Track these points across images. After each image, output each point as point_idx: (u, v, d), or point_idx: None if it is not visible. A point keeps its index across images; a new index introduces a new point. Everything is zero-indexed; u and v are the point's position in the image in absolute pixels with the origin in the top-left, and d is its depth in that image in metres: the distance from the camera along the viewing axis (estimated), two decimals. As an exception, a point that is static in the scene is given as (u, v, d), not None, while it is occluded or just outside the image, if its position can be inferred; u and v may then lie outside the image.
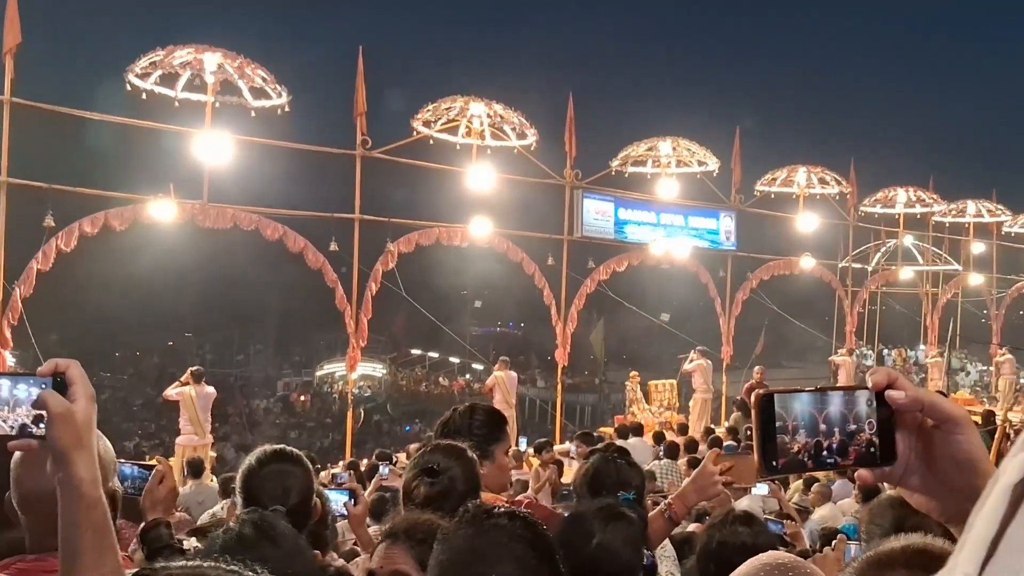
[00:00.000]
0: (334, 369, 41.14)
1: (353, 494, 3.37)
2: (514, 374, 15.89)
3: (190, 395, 12.41)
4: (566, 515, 2.68)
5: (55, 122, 12.74)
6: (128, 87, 12.68)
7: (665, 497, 3.51)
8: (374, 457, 11.14)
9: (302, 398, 42.98)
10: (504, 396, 14.90)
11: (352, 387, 17.35)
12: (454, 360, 45.15)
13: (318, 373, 44.71)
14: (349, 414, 16.04)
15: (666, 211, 18.55)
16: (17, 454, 1.75)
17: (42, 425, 1.39)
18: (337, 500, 3.43)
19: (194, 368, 12.98)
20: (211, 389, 12.82)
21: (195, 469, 9.80)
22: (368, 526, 3.77)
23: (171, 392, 12.68)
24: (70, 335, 39.61)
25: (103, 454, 1.84)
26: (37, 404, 1.38)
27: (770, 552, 1.73)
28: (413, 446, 13.23)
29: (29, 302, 11.88)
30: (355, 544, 4.09)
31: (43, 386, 1.39)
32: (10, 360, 12.08)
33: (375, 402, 40.67)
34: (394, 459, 12.38)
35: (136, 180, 13.70)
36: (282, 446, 2.74)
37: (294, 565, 1.85)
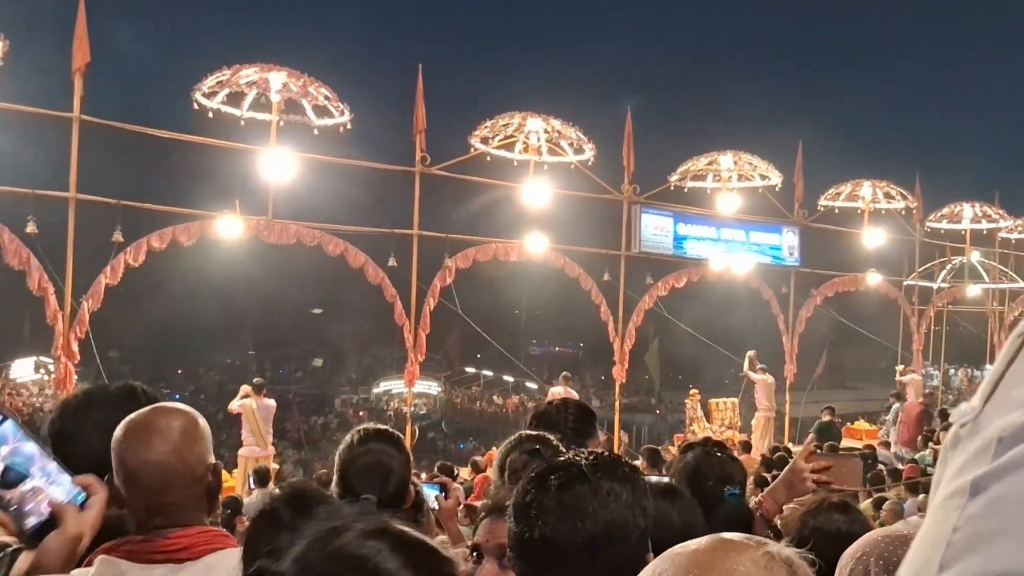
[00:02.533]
0: (390, 386, 41.37)
1: (444, 488, 3.33)
2: (574, 392, 15.75)
3: (251, 407, 12.57)
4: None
5: (124, 139, 13.04)
6: (195, 106, 12.94)
7: None
8: (436, 469, 11.14)
9: (360, 414, 43.28)
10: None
11: (410, 403, 17.36)
12: (508, 379, 45.10)
13: (375, 390, 45.02)
14: (407, 429, 16.00)
15: (727, 226, 18.28)
16: (119, 431, 1.77)
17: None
18: (428, 495, 3.38)
19: (255, 380, 13.16)
20: (271, 402, 13.00)
21: (261, 478, 9.89)
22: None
23: (234, 405, 12.84)
24: (134, 351, 40.50)
25: (204, 431, 1.84)
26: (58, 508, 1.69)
27: (892, 526, 1.67)
28: (478, 457, 13.21)
29: (96, 316, 12.11)
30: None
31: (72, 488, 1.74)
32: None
33: (430, 419, 40.77)
34: (456, 472, 12.38)
35: (202, 196, 13.98)
36: (384, 427, 2.65)
37: None
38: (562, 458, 1.61)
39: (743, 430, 17.41)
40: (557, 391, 15.13)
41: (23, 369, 38.37)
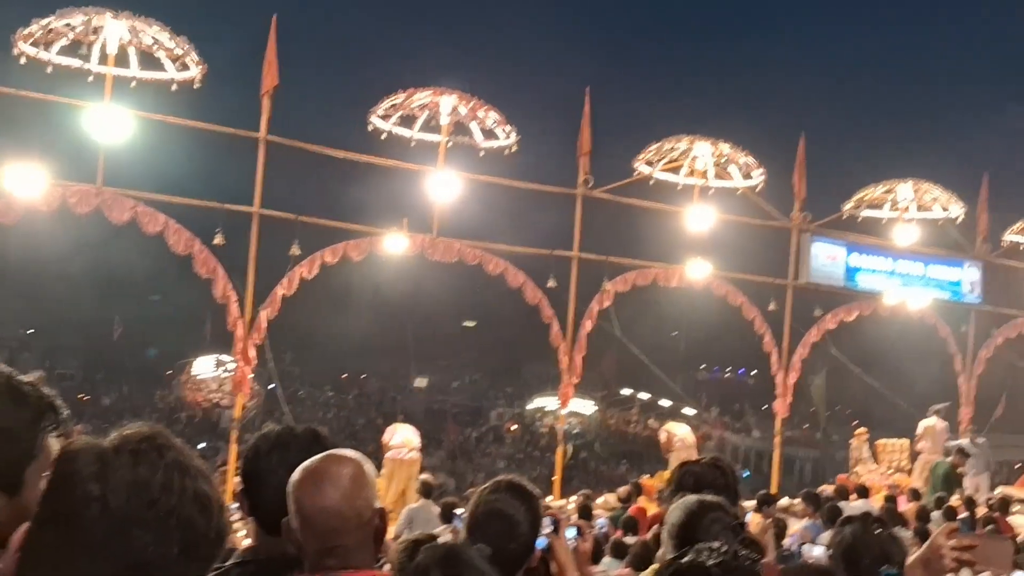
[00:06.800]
0: (545, 403, 41.57)
1: (579, 531, 3.34)
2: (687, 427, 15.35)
3: (398, 426, 13.04)
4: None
5: (304, 158, 13.75)
6: (370, 127, 13.51)
7: None
8: (576, 512, 11.04)
9: (513, 427, 43.71)
10: (688, 451, 14.66)
11: (563, 423, 17.39)
12: (664, 403, 44.47)
13: (528, 406, 45.39)
14: (559, 449, 16.07)
15: (903, 258, 17.28)
16: (295, 477, 1.93)
17: None
18: (568, 537, 3.40)
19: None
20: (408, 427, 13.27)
21: (426, 489, 10.08)
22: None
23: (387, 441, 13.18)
24: (303, 356, 42.54)
25: (370, 477, 1.96)
26: None
27: None
28: (623, 489, 13.01)
29: (271, 325, 12.81)
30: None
31: None
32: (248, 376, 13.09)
33: (583, 439, 40.69)
34: (593, 505, 12.29)
35: (370, 213, 14.56)
36: (519, 481, 2.65)
37: None
38: (687, 561, 1.71)
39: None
40: (931, 424, 15.44)
41: (204, 366, 40.99)
